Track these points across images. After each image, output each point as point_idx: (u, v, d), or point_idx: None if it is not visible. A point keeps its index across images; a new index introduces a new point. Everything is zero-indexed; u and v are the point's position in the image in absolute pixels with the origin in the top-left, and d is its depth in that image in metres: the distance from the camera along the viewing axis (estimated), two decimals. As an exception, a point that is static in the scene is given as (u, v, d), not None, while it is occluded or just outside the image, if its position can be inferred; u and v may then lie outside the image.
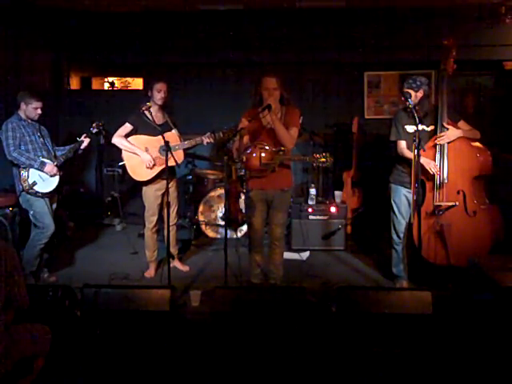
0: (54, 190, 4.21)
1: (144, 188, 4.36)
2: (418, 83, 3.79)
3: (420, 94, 3.81)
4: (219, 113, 6.14)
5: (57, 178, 4.21)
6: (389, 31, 6.14)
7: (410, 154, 3.78)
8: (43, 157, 4.16)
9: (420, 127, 3.75)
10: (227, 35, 6.29)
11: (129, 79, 7.79)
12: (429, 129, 3.89)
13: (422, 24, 6.01)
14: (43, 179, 4.13)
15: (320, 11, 6.09)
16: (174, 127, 4.36)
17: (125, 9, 6.14)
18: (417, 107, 3.74)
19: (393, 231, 4.07)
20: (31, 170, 4.08)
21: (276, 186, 3.81)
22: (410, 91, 3.78)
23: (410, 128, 3.87)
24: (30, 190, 4.08)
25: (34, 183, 4.08)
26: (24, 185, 4.06)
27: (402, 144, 3.90)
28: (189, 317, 3.51)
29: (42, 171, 4.09)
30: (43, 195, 4.14)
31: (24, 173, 4.06)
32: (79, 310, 3.22)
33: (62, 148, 4.39)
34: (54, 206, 4.32)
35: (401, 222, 4.00)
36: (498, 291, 3.13)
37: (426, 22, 5.97)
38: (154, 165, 4.23)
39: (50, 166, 4.12)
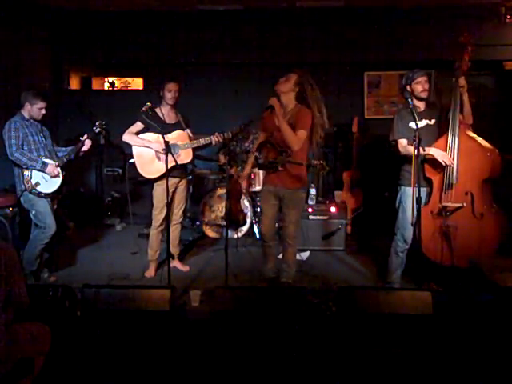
0: (57, 190, 4.22)
1: (154, 185, 4.35)
2: (418, 71, 3.85)
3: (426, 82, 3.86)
4: (219, 113, 6.14)
5: (59, 179, 4.21)
6: (389, 31, 6.14)
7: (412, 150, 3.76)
8: (46, 157, 4.16)
9: (424, 122, 3.77)
10: (227, 35, 6.29)
11: (129, 79, 7.78)
12: (432, 122, 3.87)
13: (421, 24, 6.01)
14: (46, 180, 4.13)
15: (320, 11, 6.09)
16: (186, 127, 4.39)
17: (125, 8, 6.14)
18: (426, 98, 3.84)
19: (399, 236, 3.96)
20: (34, 171, 4.08)
21: (285, 185, 3.81)
22: (427, 80, 3.82)
23: (415, 124, 3.86)
24: (33, 191, 4.08)
25: (37, 183, 4.08)
26: (27, 185, 4.07)
27: (404, 142, 3.87)
28: (189, 317, 3.51)
29: (44, 172, 4.10)
30: (46, 195, 4.15)
31: (27, 173, 4.07)
32: (79, 309, 3.22)
33: (63, 149, 4.39)
34: (55, 206, 4.33)
35: (410, 228, 3.88)
36: (497, 291, 3.13)
37: (426, 21, 5.97)
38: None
39: (52, 167, 4.13)
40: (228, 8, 6.06)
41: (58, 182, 4.20)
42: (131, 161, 4.40)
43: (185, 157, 4.27)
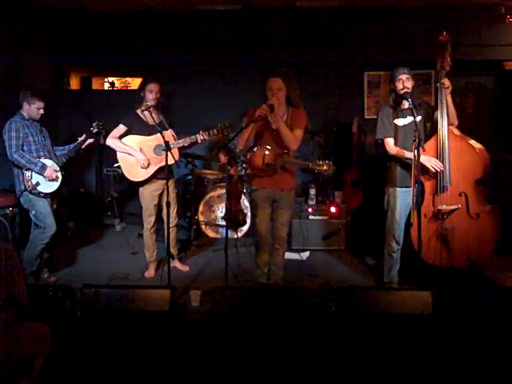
0: (57, 190, 4.22)
1: (140, 189, 4.34)
2: (400, 69, 3.77)
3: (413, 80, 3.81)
4: (219, 113, 6.12)
5: (59, 179, 4.21)
6: (389, 31, 6.14)
7: (400, 151, 3.76)
8: (45, 157, 4.16)
9: (409, 119, 3.72)
10: (227, 35, 6.30)
11: (129, 79, 7.78)
12: (417, 119, 3.76)
13: (421, 24, 6.01)
14: (46, 179, 4.13)
15: (320, 11, 6.10)
16: (169, 127, 4.37)
17: (125, 9, 6.14)
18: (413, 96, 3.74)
19: (391, 238, 3.96)
20: None
21: (278, 187, 3.81)
22: (409, 78, 3.75)
23: (400, 121, 3.84)
24: (33, 191, 4.08)
25: (38, 183, 4.08)
26: (27, 185, 4.06)
27: (391, 142, 3.85)
28: (189, 317, 3.51)
29: (42, 175, 4.09)
30: (46, 195, 4.14)
31: (27, 173, 4.06)
32: (79, 310, 3.22)
33: (61, 148, 4.39)
34: (54, 206, 4.33)
35: (401, 228, 3.91)
36: (497, 291, 3.14)
37: (426, 21, 5.97)
38: (148, 164, 4.23)
39: (50, 170, 4.11)
40: (228, 8, 6.06)
41: (58, 182, 4.20)
42: (116, 165, 4.38)
43: (171, 157, 4.25)
